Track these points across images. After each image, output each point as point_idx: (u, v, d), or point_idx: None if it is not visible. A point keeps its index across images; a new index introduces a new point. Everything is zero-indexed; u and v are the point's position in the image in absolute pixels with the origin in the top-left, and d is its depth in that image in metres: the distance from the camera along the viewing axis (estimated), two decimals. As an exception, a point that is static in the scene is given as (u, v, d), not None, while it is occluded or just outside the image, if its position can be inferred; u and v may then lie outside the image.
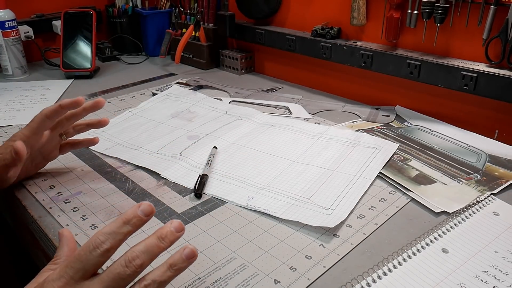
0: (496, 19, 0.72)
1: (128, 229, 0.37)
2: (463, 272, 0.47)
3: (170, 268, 0.37)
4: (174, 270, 0.37)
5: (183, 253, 0.37)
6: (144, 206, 0.38)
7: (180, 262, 0.37)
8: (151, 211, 0.38)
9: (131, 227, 0.37)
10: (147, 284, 0.36)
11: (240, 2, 1.10)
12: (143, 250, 0.37)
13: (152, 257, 0.37)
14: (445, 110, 0.85)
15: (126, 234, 0.37)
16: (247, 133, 0.80)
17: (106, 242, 0.36)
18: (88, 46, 1.15)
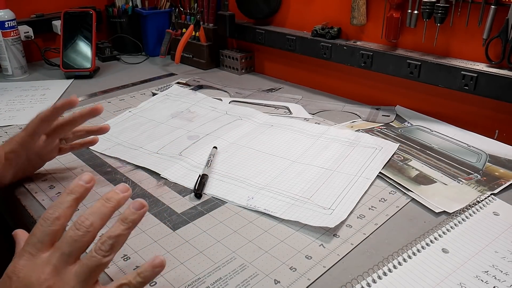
0: (496, 19, 0.72)
1: (73, 197, 0.39)
2: (463, 272, 0.47)
3: (122, 222, 0.39)
4: (126, 223, 0.39)
5: (131, 206, 0.39)
6: (85, 175, 0.41)
7: (130, 215, 0.39)
8: (91, 179, 0.41)
9: (76, 195, 0.40)
10: (103, 241, 0.38)
11: (240, 2, 1.10)
12: (90, 212, 0.39)
13: (101, 217, 0.39)
14: (445, 110, 0.85)
15: (73, 202, 0.39)
16: (247, 133, 0.80)
17: (54, 212, 0.38)
18: (88, 46, 1.15)
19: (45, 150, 0.64)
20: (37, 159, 0.64)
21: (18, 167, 0.62)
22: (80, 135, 0.67)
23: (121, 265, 0.48)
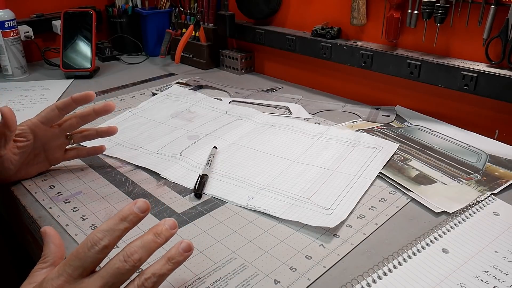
0: (496, 19, 0.72)
1: (125, 226, 0.38)
2: (463, 272, 0.47)
3: (168, 261, 0.39)
4: (172, 263, 0.39)
5: (180, 246, 0.39)
6: (140, 203, 0.39)
7: (177, 256, 0.39)
8: (147, 208, 0.39)
9: (127, 224, 0.38)
10: (147, 277, 0.37)
11: (240, 2, 1.10)
12: (140, 246, 0.38)
13: (149, 252, 0.38)
14: (445, 110, 0.85)
15: (123, 231, 0.38)
16: (247, 133, 0.80)
17: (104, 239, 0.37)
18: (88, 46, 1.15)
19: (52, 144, 0.63)
20: (43, 155, 0.64)
21: (23, 159, 0.61)
22: (88, 135, 0.67)
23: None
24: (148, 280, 0.37)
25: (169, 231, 0.40)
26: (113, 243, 0.37)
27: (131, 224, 0.38)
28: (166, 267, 0.38)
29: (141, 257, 0.37)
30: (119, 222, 0.38)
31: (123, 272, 0.37)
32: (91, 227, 0.55)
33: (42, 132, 0.61)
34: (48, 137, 0.62)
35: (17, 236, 0.74)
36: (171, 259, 0.39)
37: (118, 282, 0.37)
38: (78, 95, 0.59)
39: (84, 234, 0.53)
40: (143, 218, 0.39)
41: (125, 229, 0.38)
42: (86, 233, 0.54)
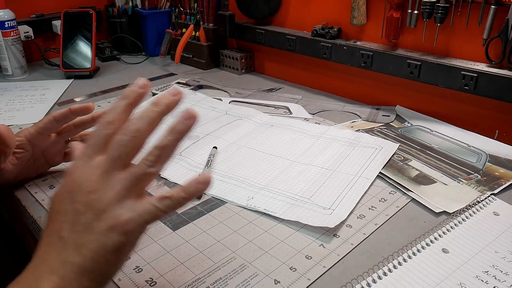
0: (496, 19, 0.72)
1: (125, 102, 0.39)
2: (463, 272, 0.47)
3: (170, 133, 0.38)
4: (175, 133, 0.38)
5: (181, 116, 0.38)
6: (139, 80, 0.40)
7: (178, 124, 0.38)
8: (145, 84, 0.40)
9: (128, 100, 0.39)
10: (150, 151, 0.37)
11: (240, 2, 1.10)
12: (137, 117, 0.38)
13: (149, 122, 0.38)
14: (445, 110, 0.85)
15: (125, 106, 0.39)
16: (247, 133, 0.80)
17: (108, 116, 0.38)
18: (88, 46, 1.15)
19: (51, 150, 0.64)
20: (42, 160, 0.64)
21: (22, 166, 0.61)
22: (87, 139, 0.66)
23: (121, 265, 0.48)
24: (150, 154, 0.37)
25: (169, 97, 0.39)
26: (118, 118, 0.38)
27: (132, 100, 0.39)
28: (167, 138, 0.38)
29: (139, 127, 0.37)
30: (120, 100, 0.39)
31: (122, 143, 0.37)
32: (91, 227, 0.55)
33: (40, 141, 0.61)
34: (47, 145, 0.62)
35: (17, 236, 0.74)
36: (172, 130, 0.38)
37: (122, 155, 0.37)
38: (76, 106, 0.59)
39: (84, 234, 0.53)
40: (143, 94, 0.40)
41: (127, 105, 0.39)
42: (86, 233, 0.54)
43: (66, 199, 0.37)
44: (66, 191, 0.37)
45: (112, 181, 0.37)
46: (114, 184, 0.37)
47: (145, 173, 0.37)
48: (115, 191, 0.36)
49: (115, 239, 0.35)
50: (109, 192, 0.36)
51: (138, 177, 0.37)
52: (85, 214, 0.36)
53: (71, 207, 0.36)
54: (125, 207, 0.36)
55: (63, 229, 0.36)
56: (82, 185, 0.37)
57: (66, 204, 0.37)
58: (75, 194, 0.36)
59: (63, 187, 0.38)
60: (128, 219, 0.36)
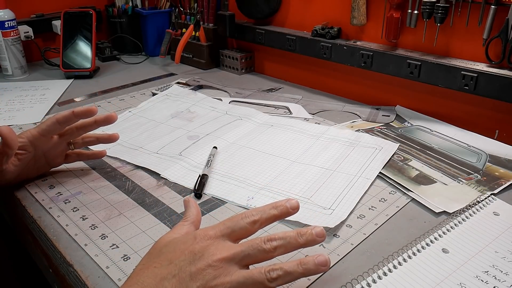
0: (496, 19, 0.72)
1: (274, 212, 0.43)
2: (463, 272, 0.47)
3: (299, 264, 0.40)
4: (303, 268, 0.40)
5: (316, 257, 0.40)
6: (293, 202, 0.44)
7: (310, 264, 0.40)
8: (296, 207, 0.44)
9: (277, 212, 0.43)
10: (275, 268, 0.39)
11: (240, 2, 1.10)
12: (281, 237, 0.41)
13: (287, 246, 0.41)
14: (445, 110, 0.85)
15: (273, 216, 0.43)
16: (247, 133, 0.80)
17: (256, 215, 0.43)
18: (88, 46, 1.15)
19: (53, 152, 0.64)
20: (43, 160, 0.64)
21: (24, 166, 0.61)
22: (89, 141, 0.67)
23: (121, 265, 0.48)
24: (274, 271, 0.39)
25: (313, 236, 0.41)
26: (262, 220, 0.43)
27: (280, 213, 0.43)
28: (295, 268, 0.39)
29: (279, 245, 0.40)
30: (271, 208, 0.43)
31: (260, 249, 0.40)
32: (91, 227, 0.55)
33: (42, 143, 0.61)
34: (49, 147, 0.63)
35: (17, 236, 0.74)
36: (302, 264, 0.40)
37: (253, 256, 0.40)
38: (79, 110, 0.60)
39: (84, 234, 0.53)
40: (291, 214, 0.44)
41: (274, 216, 0.43)
42: (86, 233, 0.54)
43: (185, 256, 0.40)
44: (188, 249, 0.40)
45: (232, 269, 0.39)
46: (232, 272, 0.39)
47: (262, 283, 0.39)
48: (230, 278, 0.39)
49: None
50: (226, 276, 0.39)
51: (254, 282, 0.39)
52: (196, 281, 0.38)
53: (187, 267, 0.39)
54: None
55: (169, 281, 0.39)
56: (207, 255, 0.39)
57: (183, 260, 0.40)
58: (197, 259, 0.39)
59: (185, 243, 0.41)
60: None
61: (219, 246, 0.40)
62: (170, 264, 0.40)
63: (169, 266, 0.39)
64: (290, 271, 0.39)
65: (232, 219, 0.43)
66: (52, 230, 0.55)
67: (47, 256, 0.57)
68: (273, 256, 0.41)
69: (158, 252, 0.42)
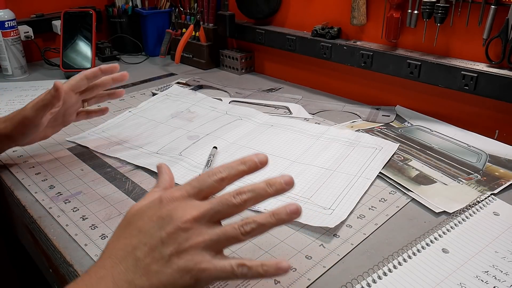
0: (496, 19, 0.72)
1: (243, 168, 0.41)
2: (463, 272, 0.47)
3: (272, 215, 0.39)
4: (275, 218, 0.39)
5: (287, 207, 0.39)
6: (261, 156, 0.42)
7: (282, 213, 0.39)
8: (265, 161, 0.42)
9: (245, 167, 0.42)
10: (248, 222, 0.39)
11: (240, 2, 1.10)
12: (250, 189, 0.40)
13: (257, 197, 0.40)
14: (445, 110, 0.85)
15: (241, 172, 0.41)
16: (247, 133, 0.80)
17: (223, 172, 0.41)
18: (88, 46, 1.15)
19: (71, 109, 0.69)
20: (61, 118, 0.69)
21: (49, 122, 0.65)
22: (101, 97, 0.74)
23: (121, 265, 0.48)
24: (248, 224, 0.39)
25: (282, 184, 0.40)
26: (229, 177, 0.41)
27: (248, 169, 0.42)
28: (267, 219, 0.39)
29: (248, 198, 0.39)
30: (239, 164, 0.42)
31: (230, 204, 0.39)
32: (91, 227, 0.55)
33: (69, 98, 0.65)
34: (71, 103, 0.67)
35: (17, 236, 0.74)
36: (275, 214, 0.39)
37: (223, 212, 0.39)
38: (105, 66, 0.65)
39: (84, 234, 0.53)
40: (260, 168, 0.42)
41: (243, 171, 0.41)
42: (86, 233, 0.54)
43: (154, 222, 0.39)
44: (156, 215, 0.39)
45: (203, 228, 0.38)
46: (204, 232, 0.38)
47: (237, 237, 0.38)
48: (203, 238, 0.38)
49: (186, 280, 0.37)
50: (198, 237, 0.38)
51: (228, 237, 0.38)
52: (168, 246, 0.37)
53: (157, 234, 0.38)
54: (205, 256, 0.38)
55: (140, 250, 0.38)
56: (175, 218, 0.38)
57: (152, 227, 0.39)
58: (165, 223, 0.38)
59: (152, 208, 0.40)
60: (205, 268, 0.37)
61: (187, 206, 0.39)
62: (140, 232, 0.39)
63: (139, 235, 0.39)
64: (263, 223, 0.39)
65: (199, 178, 0.41)
66: (52, 230, 0.55)
67: (47, 256, 0.57)
68: (243, 209, 0.40)
69: (127, 223, 0.41)
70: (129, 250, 0.38)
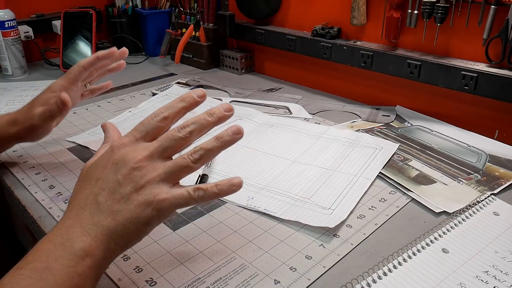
0: (496, 19, 0.72)
1: (182, 105, 0.44)
2: (463, 272, 0.47)
3: (216, 139, 0.42)
4: (220, 141, 0.42)
5: (229, 128, 0.42)
6: (197, 91, 0.45)
7: (225, 135, 0.42)
8: (203, 95, 0.46)
9: (185, 103, 0.45)
10: (195, 150, 0.42)
11: (240, 2, 1.10)
12: (193, 121, 0.43)
13: (201, 128, 0.43)
14: (445, 110, 0.85)
15: (181, 109, 0.44)
16: (247, 133, 0.79)
17: (165, 112, 0.44)
18: (88, 46, 1.15)
19: (75, 97, 0.68)
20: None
21: None
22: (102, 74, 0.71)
23: (121, 265, 0.48)
24: (196, 153, 0.42)
25: (222, 111, 0.43)
26: (171, 116, 0.44)
27: (188, 104, 0.45)
28: (213, 143, 0.42)
29: (192, 130, 0.42)
30: (179, 102, 0.45)
31: (176, 138, 0.42)
32: (91, 227, 0.55)
33: (72, 91, 0.65)
34: (74, 93, 0.66)
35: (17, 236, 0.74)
36: (219, 138, 0.42)
37: (171, 146, 0.42)
38: (102, 53, 0.64)
39: (84, 234, 0.53)
40: (199, 103, 0.45)
41: (183, 108, 0.44)
42: (86, 233, 0.54)
43: (109, 169, 0.42)
44: (109, 162, 0.42)
45: (156, 164, 0.41)
46: (157, 167, 0.41)
47: (188, 166, 0.42)
48: (157, 173, 0.41)
49: (148, 213, 0.40)
50: (152, 172, 0.41)
51: (180, 167, 0.42)
52: (126, 186, 0.40)
53: (113, 177, 0.41)
54: (162, 188, 0.41)
55: (101, 195, 0.40)
56: (127, 160, 0.41)
57: (108, 173, 0.41)
58: (120, 167, 0.41)
59: (105, 158, 0.43)
60: (164, 198, 0.40)
61: (137, 149, 0.42)
62: (97, 180, 0.41)
63: (98, 182, 0.41)
64: (209, 148, 0.42)
65: (143, 122, 0.44)
66: (52, 230, 0.55)
67: (47, 256, 0.57)
68: (190, 141, 0.43)
69: (84, 177, 0.43)
70: (91, 198, 0.41)
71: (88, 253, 0.38)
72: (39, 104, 0.62)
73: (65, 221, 0.40)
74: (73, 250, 0.38)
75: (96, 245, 0.39)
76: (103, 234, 0.39)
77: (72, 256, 0.37)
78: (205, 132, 0.43)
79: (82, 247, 0.38)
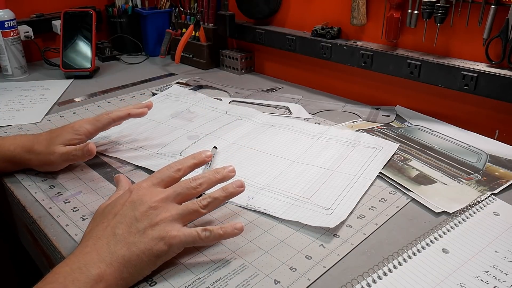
0: (497, 19, 0.72)
1: (194, 161, 0.53)
2: (463, 272, 0.47)
3: (222, 190, 0.50)
4: (226, 192, 0.50)
5: (234, 183, 0.51)
6: (206, 152, 0.54)
7: (230, 188, 0.50)
8: (209, 155, 0.54)
9: (196, 161, 0.53)
10: (205, 197, 0.49)
11: (240, 2, 1.10)
12: (202, 176, 0.51)
13: (209, 183, 0.51)
14: (445, 110, 0.85)
15: (192, 164, 0.53)
16: (247, 133, 0.80)
17: (178, 165, 0.52)
18: (88, 46, 1.15)
19: None
20: None
21: None
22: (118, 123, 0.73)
23: (121, 265, 0.48)
24: (204, 199, 0.48)
25: (227, 172, 0.52)
26: (184, 168, 0.52)
27: (198, 161, 0.53)
28: (219, 193, 0.49)
29: (202, 182, 0.50)
30: (190, 158, 0.53)
31: (188, 187, 0.49)
32: (91, 227, 0.55)
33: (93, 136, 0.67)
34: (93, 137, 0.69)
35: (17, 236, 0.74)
36: (225, 189, 0.50)
37: (184, 193, 0.49)
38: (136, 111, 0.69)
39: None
40: (207, 161, 0.54)
41: (193, 164, 0.53)
42: (86, 233, 0.54)
43: (127, 206, 0.47)
44: (127, 201, 0.48)
45: (170, 206, 0.48)
46: (170, 208, 0.48)
47: (197, 210, 0.48)
48: (170, 213, 0.47)
49: (160, 247, 0.45)
50: (166, 212, 0.47)
51: (190, 211, 0.48)
52: (142, 222, 0.46)
53: (131, 213, 0.46)
54: (174, 226, 0.46)
55: (118, 227, 0.45)
56: (145, 200, 0.47)
57: (125, 209, 0.47)
58: (137, 205, 0.47)
59: (123, 197, 0.49)
60: (175, 235, 0.46)
61: (153, 192, 0.48)
62: (115, 216, 0.47)
63: (115, 217, 0.47)
64: (216, 197, 0.49)
65: (160, 171, 0.51)
66: (52, 230, 0.55)
67: (47, 256, 0.57)
68: (199, 191, 0.50)
69: (100, 214, 0.49)
70: (109, 230, 0.45)
71: (102, 278, 0.42)
72: (61, 142, 0.63)
73: (82, 249, 0.44)
74: (89, 274, 0.41)
75: (111, 271, 0.42)
76: (118, 262, 0.43)
77: (88, 280, 0.41)
78: (212, 187, 0.51)
79: (98, 273, 0.41)
